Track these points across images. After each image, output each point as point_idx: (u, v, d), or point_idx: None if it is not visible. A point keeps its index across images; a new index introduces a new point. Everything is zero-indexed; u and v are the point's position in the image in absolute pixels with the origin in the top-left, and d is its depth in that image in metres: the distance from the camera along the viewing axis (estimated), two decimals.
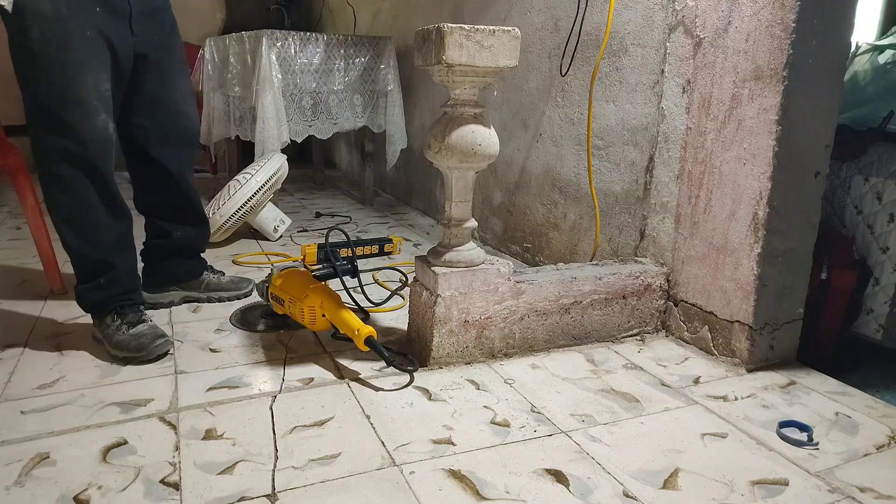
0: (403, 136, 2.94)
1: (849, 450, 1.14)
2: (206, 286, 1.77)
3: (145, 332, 1.43)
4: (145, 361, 1.40)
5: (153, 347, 1.40)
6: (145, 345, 1.40)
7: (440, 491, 0.99)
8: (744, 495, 1.00)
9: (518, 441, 1.13)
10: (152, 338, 1.41)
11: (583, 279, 1.52)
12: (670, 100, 1.57)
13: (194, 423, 1.16)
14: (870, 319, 1.72)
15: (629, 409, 1.26)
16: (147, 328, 1.44)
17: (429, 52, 1.26)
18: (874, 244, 1.70)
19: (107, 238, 1.45)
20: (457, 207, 1.39)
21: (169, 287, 1.73)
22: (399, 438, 1.13)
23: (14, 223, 2.62)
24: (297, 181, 3.77)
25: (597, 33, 1.79)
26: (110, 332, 1.43)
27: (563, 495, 0.99)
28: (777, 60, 1.30)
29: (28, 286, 1.88)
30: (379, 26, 3.46)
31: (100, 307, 1.47)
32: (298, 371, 1.37)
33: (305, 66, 2.67)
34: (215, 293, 1.77)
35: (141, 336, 1.41)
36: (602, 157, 1.81)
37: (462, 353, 1.43)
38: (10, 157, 1.79)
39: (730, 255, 1.44)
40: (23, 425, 1.14)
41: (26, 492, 0.96)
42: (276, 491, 0.98)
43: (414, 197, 3.18)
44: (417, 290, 1.46)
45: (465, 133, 1.30)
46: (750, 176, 1.37)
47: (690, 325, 1.56)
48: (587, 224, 1.89)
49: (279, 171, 2.43)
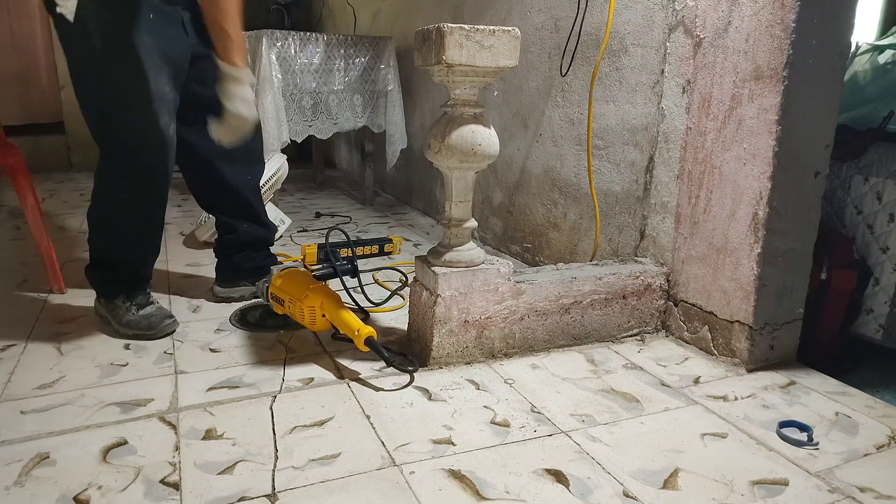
0: (403, 136, 2.94)
1: (849, 450, 1.14)
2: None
3: (154, 312, 1.54)
4: (154, 338, 1.51)
5: (162, 326, 1.52)
6: (155, 324, 1.52)
7: (440, 491, 0.99)
8: (744, 495, 1.00)
9: (518, 441, 1.14)
10: (161, 318, 1.53)
11: (583, 279, 1.52)
12: (670, 100, 1.57)
13: (194, 423, 1.16)
14: (870, 319, 1.72)
15: (629, 409, 1.26)
16: (155, 309, 1.56)
17: (429, 52, 1.26)
18: (874, 244, 1.70)
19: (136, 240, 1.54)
20: (457, 207, 1.39)
21: (240, 282, 1.77)
22: (399, 438, 1.13)
23: (14, 223, 2.62)
24: (297, 181, 3.77)
25: (597, 33, 1.79)
26: (120, 312, 1.53)
27: (563, 495, 0.99)
28: (777, 60, 1.30)
29: (28, 286, 1.88)
30: (379, 26, 3.46)
31: (111, 290, 1.56)
32: (298, 371, 1.37)
33: (305, 66, 2.67)
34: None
35: (151, 316, 1.53)
36: (602, 157, 1.81)
37: (462, 353, 1.43)
38: (10, 157, 1.79)
39: (730, 255, 1.44)
40: (23, 425, 1.14)
41: (26, 492, 0.96)
42: (276, 491, 0.98)
43: (414, 197, 3.18)
44: (417, 290, 1.46)
45: (465, 133, 1.30)
46: (750, 176, 1.37)
47: (690, 325, 1.56)
48: (587, 224, 1.89)
49: (279, 171, 2.43)
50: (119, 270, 1.56)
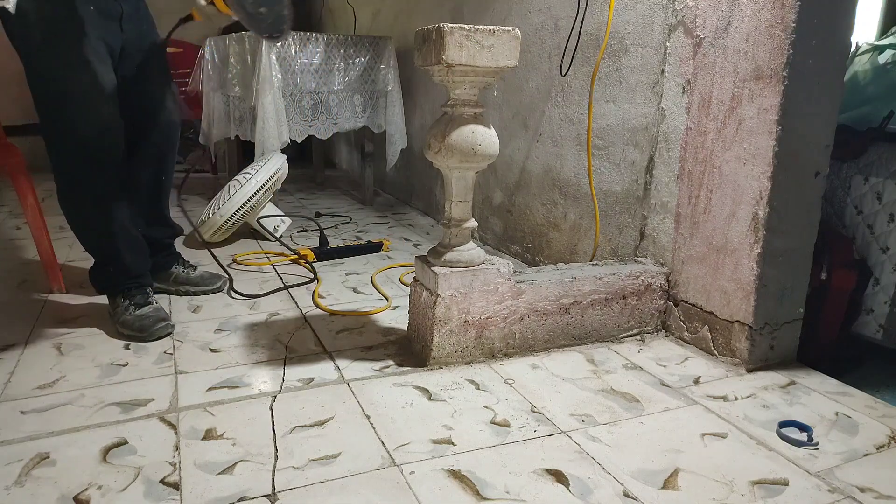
0: (403, 136, 2.93)
1: (849, 450, 1.14)
2: (174, 279, 1.81)
3: (149, 314, 1.53)
4: (146, 341, 1.50)
5: (154, 330, 1.50)
6: (147, 326, 1.50)
7: (440, 491, 0.99)
8: (744, 495, 1.00)
9: (518, 441, 1.13)
10: (154, 321, 1.52)
11: (583, 279, 1.52)
12: (670, 100, 1.57)
13: (194, 423, 1.16)
14: (870, 319, 1.72)
15: (629, 409, 1.26)
16: (151, 310, 1.55)
17: (429, 52, 1.26)
18: (874, 244, 1.70)
19: (110, 227, 1.54)
20: (457, 207, 1.39)
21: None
22: (399, 438, 1.13)
23: (14, 223, 2.62)
24: (297, 181, 3.77)
25: (597, 33, 1.79)
26: (119, 311, 1.55)
27: (563, 495, 0.99)
28: (777, 60, 1.30)
29: (28, 286, 1.88)
30: (379, 26, 3.46)
31: (109, 289, 1.59)
32: (298, 371, 1.37)
33: (305, 66, 2.67)
34: (183, 287, 1.80)
35: (144, 318, 1.52)
36: (602, 157, 1.81)
37: (462, 353, 1.43)
38: (10, 157, 1.79)
39: (730, 255, 1.44)
40: (23, 425, 1.14)
41: (26, 492, 0.96)
42: (276, 491, 0.98)
43: (414, 197, 3.18)
44: (417, 290, 1.46)
45: (465, 133, 1.30)
46: (750, 176, 1.37)
47: (690, 325, 1.56)
48: (587, 224, 1.89)
49: (279, 171, 2.43)
50: (110, 267, 1.58)
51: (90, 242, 1.59)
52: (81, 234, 1.58)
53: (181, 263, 1.84)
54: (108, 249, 1.57)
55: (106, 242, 1.56)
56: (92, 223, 1.55)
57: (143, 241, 1.64)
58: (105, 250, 1.58)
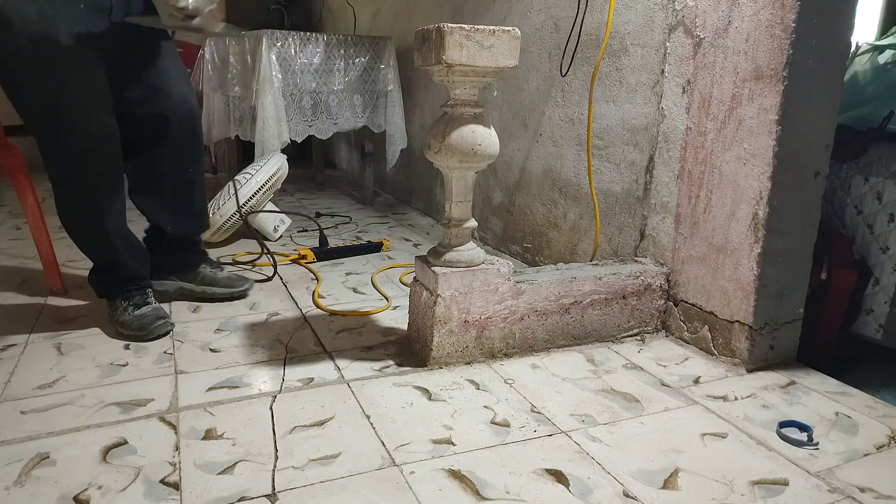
0: (403, 136, 2.93)
1: (849, 450, 1.14)
2: (201, 279, 1.79)
3: (148, 313, 1.53)
4: (145, 340, 1.50)
5: (153, 328, 1.51)
6: (146, 325, 1.51)
7: (440, 491, 0.99)
8: (744, 495, 1.00)
9: (518, 441, 1.13)
10: (153, 319, 1.52)
11: (583, 279, 1.52)
12: (670, 100, 1.57)
13: (194, 423, 1.16)
14: (870, 319, 1.72)
15: (629, 409, 1.26)
16: (150, 310, 1.55)
17: (429, 52, 1.26)
18: (874, 244, 1.70)
19: (109, 236, 1.52)
20: (457, 207, 1.39)
21: (166, 276, 1.76)
22: (399, 438, 1.13)
23: (14, 223, 2.62)
24: (297, 181, 3.77)
25: (597, 33, 1.79)
26: (118, 312, 1.55)
27: (563, 495, 0.99)
28: (777, 60, 1.30)
29: (28, 286, 1.88)
30: (379, 26, 3.46)
31: (109, 292, 1.59)
32: (298, 371, 1.37)
33: (305, 66, 2.67)
34: (209, 288, 1.79)
35: (143, 317, 1.52)
36: (602, 157, 1.81)
37: (462, 353, 1.43)
38: (10, 157, 1.79)
39: (730, 255, 1.44)
40: (23, 425, 1.14)
41: (26, 492, 0.96)
42: (276, 491, 0.98)
43: (414, 197, 3.18)
44: (417, 290, 1.46)
45: (465, 133, 1.30)
46: (750, 176, 1.37)
47: (690, 325, 1.56)
48: (587, 224, 1.89)
49: (279, 171, 2.43)
50: (110, 271, 1.57)
51: (89, 250, 1.58)
52: (80, 243, 1.56)
53: (209, 263, 1.82)
54: (108, 257, 1.56)
55: (105, 250, 1.55)
56: (91, 232, 1.53)
57: (143, 246, 1.64)
58: (105, 257, 1.57)
